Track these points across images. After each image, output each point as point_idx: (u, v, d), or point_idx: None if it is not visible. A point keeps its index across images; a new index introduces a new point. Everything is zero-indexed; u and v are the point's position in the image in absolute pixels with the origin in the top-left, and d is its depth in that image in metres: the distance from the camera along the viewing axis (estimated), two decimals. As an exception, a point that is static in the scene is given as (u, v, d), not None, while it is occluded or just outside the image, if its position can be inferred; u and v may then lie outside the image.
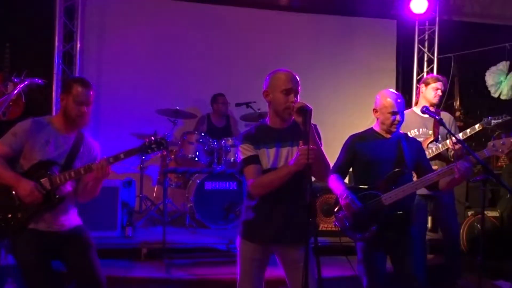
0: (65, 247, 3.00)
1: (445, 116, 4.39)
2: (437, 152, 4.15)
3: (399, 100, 3.23)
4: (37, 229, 2.92)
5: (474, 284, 4.29)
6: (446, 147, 4.14)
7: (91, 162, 3.03)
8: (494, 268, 4.74)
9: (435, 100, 4.37)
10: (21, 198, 2.87)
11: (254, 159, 2.70)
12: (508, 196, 5.47)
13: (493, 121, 4.13)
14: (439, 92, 4.37)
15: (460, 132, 4.29)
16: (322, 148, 2.69)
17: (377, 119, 3.32)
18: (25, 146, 2.94)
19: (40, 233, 2.92)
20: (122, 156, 2.97)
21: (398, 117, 3.21)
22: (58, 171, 2.95)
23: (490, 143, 3.16)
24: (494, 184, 5.46)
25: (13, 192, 2.90)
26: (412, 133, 4.23)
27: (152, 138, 3.08)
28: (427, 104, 4.30)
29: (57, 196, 2.95)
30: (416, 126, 4.25)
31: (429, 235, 5.10)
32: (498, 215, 5.47)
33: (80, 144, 3.07)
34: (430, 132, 4.26)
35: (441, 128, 4.23)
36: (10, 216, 2.90)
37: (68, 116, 2.99)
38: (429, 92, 4.38)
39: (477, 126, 4.18)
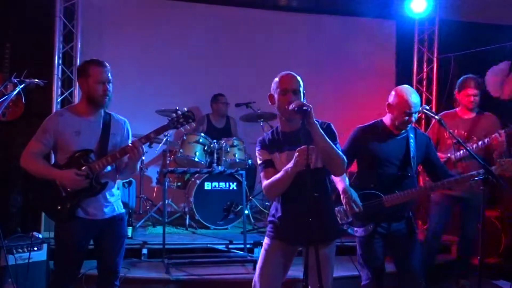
0: (101, 232, 3.09)
1: (490, 117, 4.28)
2: (464, 155, 4.05)
3: (415, 101, 3.16)
4: (84, 218, 3.01)
5: (474, 284, 4.29)
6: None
7: (125, 140, 3.16)
8: (494, 268, 4.74)
9: (470, 106, 4.23)
10: (69, 188, 2.95)
11: (268, 163, 2.75)
12: (509, 196, 5.46)
13: None
14: (472, 99, 4.20)
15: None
16: (338, 144, 2.71)
17: (389, 113, 3.25)
18: (58, 141, 2.99)
19: (86, 221, 3.01)
20: (152, 135, 3.07)
21: (411, 118, 3.16)
22: (95, 157, 3.01)
23: (499, 162, 3.15)
24: (495, 184, 5.45)
25: (58, 184, 2.97)
26: (446, 134, 4.17)
27: (179, 111, 3.09)
28: (464, 108, 4.25)
29: (100, 183, 3.02)
30: (451, 126, 4.03)
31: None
32: (498, 215, 5.47)
33: (109, 126, 3.11)
34: (464, 132, 4.18)
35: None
36: (59, 207, 2.98)
37: (92, 98, 3.01)
38: (462, 98, 4.25)
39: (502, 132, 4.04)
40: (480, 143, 4.05)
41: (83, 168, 2.95)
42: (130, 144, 3.01)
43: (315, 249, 2.36)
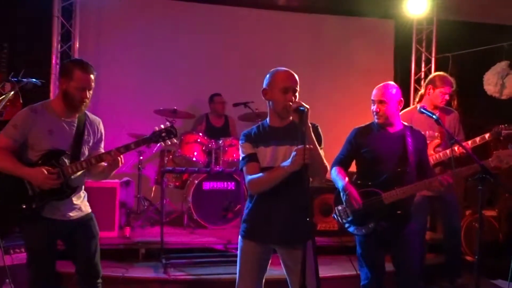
0: (72, 233, 3.03)
1: (453, 114, 4.32)
2: (444, 158, 4.06)
3: (379, 90, 3.28)
4: (50, 218, 2.93)
5: (472, 283, 4.29)
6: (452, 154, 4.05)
7: (97, 141, 3.07)
8: (492, 267, 4.75)
9: (442, 104, 4.25)
10: (39, 187, 2.85)
11: (252, 157, 2.72)
12: (507, 195, 5.47)
13: (503, 131, 4.00)
14: (447, 97, 4.24)
15: (469, 139, 4.16)
16: (322, 149, 2.69)
17: None
18: (29, 137, 2.90)
19: (52, 222, 2.94)
20: (132, 146, 2.97)
21: (375, 107, 3.26)
22: (68, 159, 2.94)
23: (496, 153, 3.15)
24: (493, 183, 5.45)
25: (26, 183, 2.88)
26: None
27: (162, 126, 3.02)
28: (432, 106, 4.23)
29: (71, 187, 2.96)
30: (421, 128, 3.93)
31: (428, 234, 5.09)
32: (496, 214, 5.48)
33: (84, 126, 3.03)
34: (437, 133, 4.16)
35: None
36: (24, 206, 2.89)
37: (70, 101, 2.91)
38: (436, 96, 4.24)
39: (487, 135, 4.05)
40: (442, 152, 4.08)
41: (55, 170, 2.86)
42: (108, 154, 2.91)
43: (302, 247, 2.35)
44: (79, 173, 2.97)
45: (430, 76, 4.48)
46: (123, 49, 6.57)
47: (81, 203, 3.09)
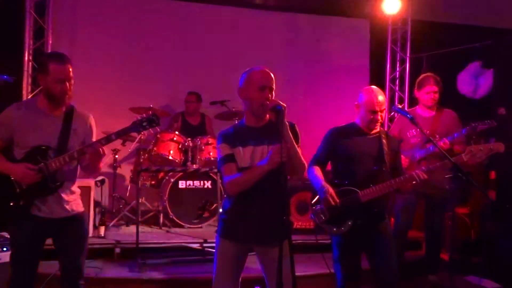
0: (60, 232, 2.99)
1: (450, 114, 4.38)
2: (433, 152, 4.10)
3: (381, 99, 3.22)
4: (38, 216, 2.90)
5: (445, 279, 4.36)
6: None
7: (87, 135, 3.04)
8: (464, 263, 4.83)
9: (430, 103, 4.31)
10: (20, 183, 2.84)
11: (230, 158, 2.70)
12: (479, 193, 5.57)
13: (478, 127, 4.06)
14: (432, 96, 4.28)
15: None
16: (299, 147, 2.70)
17: (358, 113, 3.32)
18: (15, 134, 2.88)
19: (39, 220, 2.90)
20: (113, 137, 2.96)
21: (376, 117, 3.22)
22: (54, 155, 2.89)
23: (469, 148, 3.21)
24: (465, 182, 5.53)
25: (13, 180, 2.86)
26: (409, 134, 4.25)
27: (144, 115, 3.00)
28: (424, 107, 4.32)
29: (56, 181, 2.91)
30: (413, 126, 4.14)
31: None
32: (468, 212, 5.58)
33: (70, 121, 2.98)
34: (428, 132, 4.18)
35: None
36: (12, 204, 2.87)
37: (51, 95, 2.88)
38: (422, 96, 4.32)
39: (463, 131, 4.11)
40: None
41: (40, 165, 2.84)
42: (89, 145, 2.89)
43: (279, 246, 2.34)
44: (65, 167, 2.93)
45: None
46: (98, 46, 6.48)
47: (73, 200, 3.04)
